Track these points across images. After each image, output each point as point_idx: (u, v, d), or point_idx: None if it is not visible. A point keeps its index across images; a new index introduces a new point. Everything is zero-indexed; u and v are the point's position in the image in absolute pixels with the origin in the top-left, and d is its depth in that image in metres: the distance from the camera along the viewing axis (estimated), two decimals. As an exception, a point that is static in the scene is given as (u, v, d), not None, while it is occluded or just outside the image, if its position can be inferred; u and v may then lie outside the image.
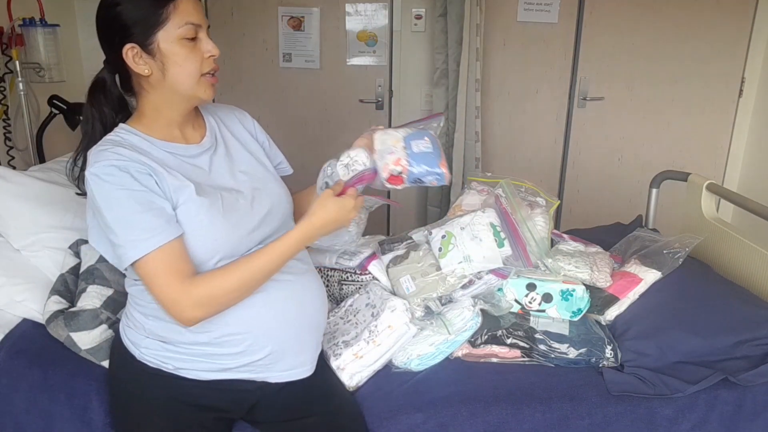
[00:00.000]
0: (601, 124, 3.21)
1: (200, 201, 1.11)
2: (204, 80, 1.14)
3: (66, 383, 1.33)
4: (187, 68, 1.11)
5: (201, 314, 1.09)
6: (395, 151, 1.20)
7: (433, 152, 1.19)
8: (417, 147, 1.19)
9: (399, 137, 1.23)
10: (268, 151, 1.37)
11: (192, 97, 1.16)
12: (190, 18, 1.10)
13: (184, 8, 1.09)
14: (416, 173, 1.19)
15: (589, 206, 3.32)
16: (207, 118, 1.28)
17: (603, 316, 1.54)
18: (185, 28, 1.09)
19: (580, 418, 1.32)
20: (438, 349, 1.42)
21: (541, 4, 3.03)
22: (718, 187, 1.93)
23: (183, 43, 1.10)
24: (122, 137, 1.13)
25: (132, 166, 1.06)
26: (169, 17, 1.08)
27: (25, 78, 2.17)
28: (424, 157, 1.19)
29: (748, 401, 1.35)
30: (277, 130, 1.47)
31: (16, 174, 1.61)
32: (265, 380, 1.21)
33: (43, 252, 1.55)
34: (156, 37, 1.09)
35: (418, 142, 1.20)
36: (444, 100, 3.05)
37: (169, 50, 1.10)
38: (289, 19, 3.07)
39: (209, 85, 1.15)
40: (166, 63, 1.10)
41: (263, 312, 1.17)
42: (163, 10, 1.08)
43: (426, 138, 1.22)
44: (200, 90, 1.14)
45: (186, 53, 1.11)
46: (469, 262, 1.49)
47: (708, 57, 3.09)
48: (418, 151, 1.19)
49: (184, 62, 1.11)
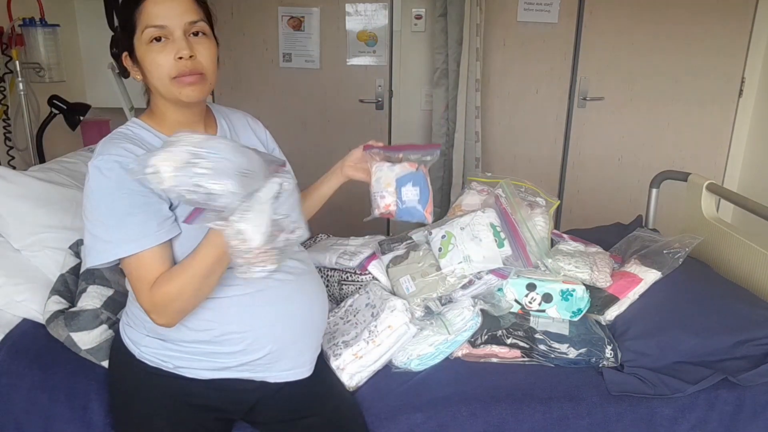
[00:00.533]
0: (601, 124, 3.21)
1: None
2: (176, 82, 1.11)
3: (66, 383, 1.33)
4: (156, 73, 1.10)
5: (163, 321, 1.08)
6: (386, 195, 1.34)
7: (420, 200, 1.33)
8: (406, 195, 1.33)
9: (392, 179, 1.34)
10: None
11: (174, 100, 1.14)
12: (150, 21, 1.08)
13: (150, 11, 1.09)
14: (401, 217, 1.35)
15: (589, 206, 3.32)
16: (219, 120, 1.28)
17: (603, 316, 1.54)
18: (147, 31, 1.09)
19: (580, 418, 1.32)
20: (438, 349, 1.42)
21: (541, 4, 3.03)
22: (718, 187, 1.93)
23: (150, 47, 1.09)
24: (133, 131, 1.15)
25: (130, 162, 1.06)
26: (137, 22, 1.09)
27: (25, 78, 2.17)
28: (410, 211, 1.33)
29: (748, 401, 1.35)
30: (277, 130, 1.47)
31: (16, 174, 1.61)
32: (264, 380, 1.22)
33: (43, 252, 1.55)
34: (133, 44, 1.11)
35: (408, 189, 1.33)
36: (444, 100, 3.06)
37: (142, 56, 1.11)
38: (289, 19, 3.07)
39: (185, 85, 1.11)
40: (144, 68, 1.12)
41: (264, 311, 1.17)
42: (133, 16, 1.09)
43: (416, 186, 1.33)
44: (176, 92, 1.11)
45: (153, 57, 1.09)
46: (469, 262, 1.49)
47: (708, 57, 3.09)
48: (407, 199, 1.33)
49: (151, 66, 1.10)
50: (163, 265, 1.07)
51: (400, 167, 1.35)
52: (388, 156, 1.37)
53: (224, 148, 0.92)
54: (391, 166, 1.35)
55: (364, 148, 1.37)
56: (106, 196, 1.05)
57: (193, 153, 0.90)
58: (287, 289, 1.21)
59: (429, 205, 1.34)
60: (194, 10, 1.12)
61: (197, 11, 1.13)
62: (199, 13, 1.13)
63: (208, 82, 1.14)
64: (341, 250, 1.66)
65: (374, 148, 1.37)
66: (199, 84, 1.12)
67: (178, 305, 1.07)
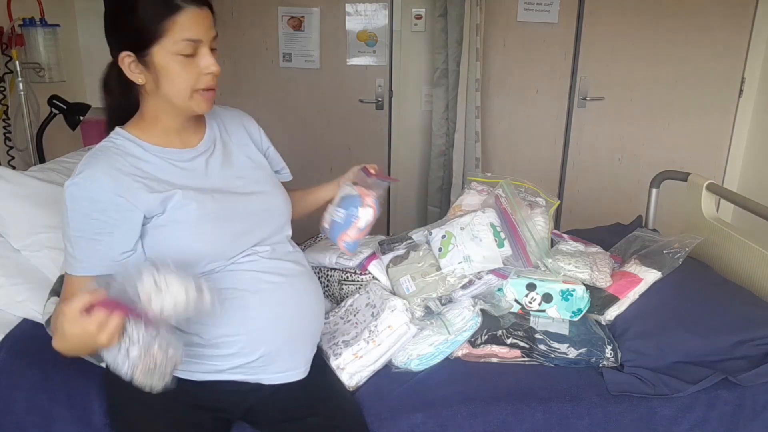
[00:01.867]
0: (601, 124, 3.21)
1: (187, 205, 1.11)
2: (197, 95, 1.12)
3: (66, 383, 1.33)
4: (178, 84, 1.09)
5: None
6: (328, 209, 1.43)
7: (341, 224, 1.37)
8: (334, 214, 1.40)
9: (336, 200, 1.42)
10: (270, 158, 1.38)
11: (186, 110, 1.14)
12: (188, 34, 1.06)
13: (184, 23, 1.06)
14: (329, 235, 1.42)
15: (589, 206, 3.32)
16: (209, 121, 1.27)
17: (603, 316, 1.54)
18: (182, 44, 1.06)
19: (580, 418, 1.32)
20: (438, 349, 1.42)
21: (541, 4, 3.03)
22: (718, 187, 1.93)
23: (178, 59, 1.07)
24: (115, 143, 1.13)
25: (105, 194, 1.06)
26: (167, 32, 1.05)
27: (25, 78, 2.17)
28: (330, 230, 1.41)
29: (748, 401, 1.35)
30: (277, 130, 1.48)
31: (16, 174, 1.62)
32: (258, 382, 1.21)
33: (43, 252, 1.55)
34: (151, 50, 1.07)
35: (337, 210, 1.39)
36: (444, 100, 3.05)
37: (163, 65, 1.08)
38: (289, 19, 3.07)
39: (203, 100, 1.13)
40: (159, 76, 1.09)
41: (257, 314, 1.17)
42: (161, 24, 1.05)
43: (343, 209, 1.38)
44: (193, 104, 1.12)
45: (179, 69, 1.08)
46: (469, 262, 1.49)
47: (708, 57, 3.09)
48: (332, 219, 1.40)
49: (177, 78, 1.09)
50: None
51: (351, 189, 1.39)
52: (361, 179, 1.42)
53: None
54: (346, 187, 1.41)
55: (362, 169, 1.43)
56: (77, 217, 1.06)
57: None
58: (280, 291, 1.20)
59: (348, 234, 1.34)
60: (214, 24, 1.12)
61: (215, 25, 1.13)
62: (215, 27, 1.13)
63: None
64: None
65: (364, 171, 1.42)
66: (214, 97, 1.16)
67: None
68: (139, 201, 1.08)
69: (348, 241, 1.35)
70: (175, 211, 1.10)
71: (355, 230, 1.34)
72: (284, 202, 1.30)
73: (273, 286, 1.19)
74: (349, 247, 1.37)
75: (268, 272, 1.20)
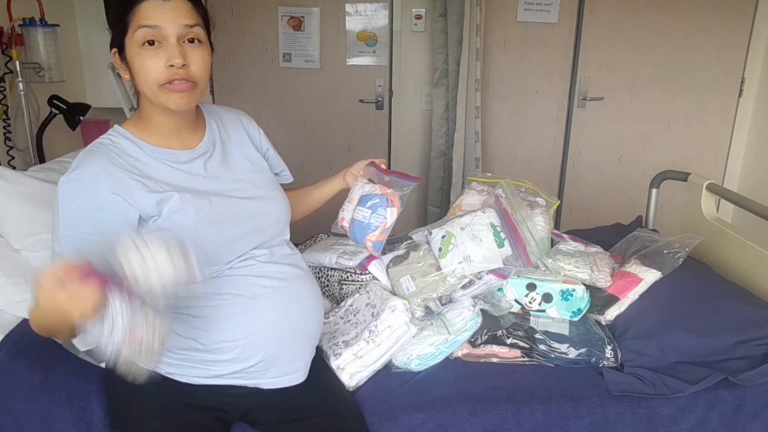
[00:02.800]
0: (601, 124, 3.21)
1: (184, 209, 1.09)
2: (164, 90, 1.07)
3: (66, 384, 1.33)
4: (144, 77, 1.07)
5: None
6: (346, 209, 1.40)
7: (366, 224, 1.35)
8: (357, 214, 1.37)
9: (357, 195, 1.38)
10: (270, 159, 1.37)
11: (161, 105, 1.10)
12: (145, 21, 1.04)
13: (143, 11, 1.05)
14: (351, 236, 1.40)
15: (589, 206, 3.32)
16: (209, 121, 1.26)
17: (603, 316, 1.54)
18: (140, 32, 1.05)
19: (580, 418, 1.32)
20: (438, 349, 1.42)
21: (541, 4, 3.03)
22: (718, 187, 1.93)
23: (142, 50, 1.06)
24: (113, 140, 1.12)
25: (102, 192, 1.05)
26: (131, 22, 1.06)
27: (25, 78, 2.17)
28: (354, 231, 1.38)
29: (748, 401, 1.35)
30: (277, 130, 1.48)
31: (16, 174, 1.61)
32: (257, 386, 1.21)
33: (43, 252, 1.55)
34: (125, 43, 1.07)
35: (362, 210, 1.37)
36: (444, 100, 3.05)
37: (132, 57, 1.07)
38: (289, 19, 3.07)
39: (174, 93, 1.08)
40: (132, 70, 1.08)
41: (255, 319, 1.16)
42: (127, 15, 1.05)
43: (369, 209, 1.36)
44: (164, 99, 1.08)
45: (143, 60, 1.06)
46: (469, 263, 1.49)
47: (708, 57, 3.09)
48: (357, 218, 1.37)
49: (141, 70, 1.07)
50: None
51: (370, 187, 1.36)
52: (376, 175, 1.38)
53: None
54: (364, 184, 1.37)
55: (369, 164, 1.40)
56: (70, 214, 1.05)
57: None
58: (278, 295, 1.19)
59: (376, 235, 1.32)
60: (191, 15, 1.09)
61: (194, 16, 1.09)
62: (196, 17, 1.10)
63: (199, 91, 1.12)
64: (341, 249, 1.66)
65: (374, 167, 1.38)
66: (189, 92, 1.09)
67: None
68: (136, 200, 1.07)
69: (375, 242, 1.34)
70: (171, 215, 1.08)
71: (382, 231, 1.34)
72: (283, 207, 1.29)
73: (271, 291, 1.18)
74: (376, 247, 1.36)
75: (266, 276, 1.19)
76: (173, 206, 1.09)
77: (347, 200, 1.39)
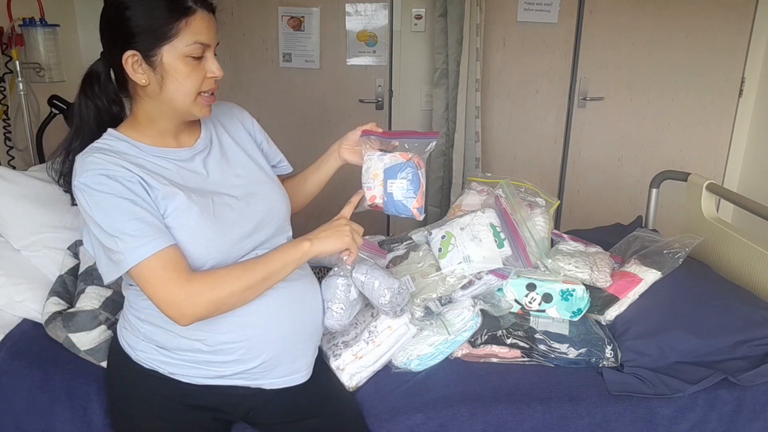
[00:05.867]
0: (601, 124, 3.21)
1: (190, 208, 1.09)
2: (200, 99, 1.12)
3: (66, 384, 1.33)
4: (185, 86, 1.09)
5: (200, 312, 1.06)
6: (373, 186, 1.29)
7: (407, 194, 1.26)
8: (392, 187, 1.26)
9: (380, 170, 1.28)
10: (266, 151, 1.36)
11: (186, 113, 1.14)
12: (199, 37, 1.07)
13: (196, 26, 1.07)
14: (389, 211, 1.30)
15: (589, 206, 3.32)
16: (205, 121, 1.26)
17: (603, 316, 1.54)
18: (193, 47, 1.07)
19: (580, 418, 1.32)
20: (438, 349, 1.42)
21: (541, 4, 3.03)
22: (718, 187, 1.93)
23: (187, 61, 1.08)
24: (109, 144, 1.11)
25: (121, 174, 1.04)
26: (179, 33, 1.06)
27: (25, 78, 2.17)
28: (396, 205, 1.28)
29: (748, 401, 1.35)
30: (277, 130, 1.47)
31: (16, 174, 1.62)
32: (260, 387, 1.21)
33: (43, 252, 1.55)
34: (161, 50, 1.06)
35: (395, 182, 1.26)
36: (444, 100, 3.06)
37: (172, 66, 1.07)
38: (289, 19, 3.07)
39: (205, 104, 1.14)
40: (165, 77, 1.08)
41: (258, 320, 1.16)
42: (174, 25, 1.05)
43: (404, 178, 1.26)
44: (195, 108, 1.13)
45: (188, 71, 1.08)
46: (469, 263, 1.49)
47: (708, 57, 3.09)
48: (392, 192, 1.27)
49: (184, 80, 1.09)
50: (184, 260, 1.06)
51: (390, 157, 1.28)
52: (382, 143, 1.31)
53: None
54: (381, 156, 1.29)
55: (362, 134, 1.33)
56: (106, 208, 1.03)
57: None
58: (280, 296, 1.19)
59: (418, 200, 1.27)
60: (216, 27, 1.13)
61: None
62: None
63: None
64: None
65: (371, 134, 1.31)
66: (213, 102, 1.16)
67: (215, 295, 1.06)
68: (152, 187, 1.07)
69: (420, 208, 1.29)
70: (177, 215, 1.08)
71: (422, 195, 1.29)
72: (283, 202, 1.29)
73: (275, 291, 1.17)
74: (421, 212, 1.30)
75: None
76: (179, 206, 1.08)
77: (369, 176, 1.30)
